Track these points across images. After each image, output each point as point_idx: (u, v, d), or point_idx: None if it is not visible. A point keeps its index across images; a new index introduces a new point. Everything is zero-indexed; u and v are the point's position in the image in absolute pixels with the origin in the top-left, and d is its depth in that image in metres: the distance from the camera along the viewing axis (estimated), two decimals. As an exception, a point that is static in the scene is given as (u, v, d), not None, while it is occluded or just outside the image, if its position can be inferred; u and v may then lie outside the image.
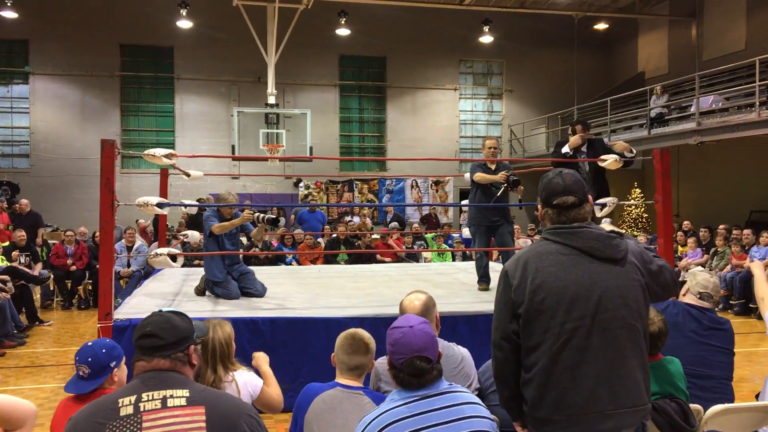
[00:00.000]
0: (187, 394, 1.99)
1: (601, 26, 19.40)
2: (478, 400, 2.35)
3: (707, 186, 16.79)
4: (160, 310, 2.20)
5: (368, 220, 15.80)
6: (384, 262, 11.74)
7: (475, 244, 7.05)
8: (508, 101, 20.60)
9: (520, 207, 6.98)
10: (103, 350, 2.89)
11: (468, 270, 8.81)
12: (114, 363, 2.90)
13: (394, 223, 14.54)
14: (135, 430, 1.91)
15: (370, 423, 2.24)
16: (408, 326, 2.31)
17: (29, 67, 17.32)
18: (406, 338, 2.27)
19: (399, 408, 2.23)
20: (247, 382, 3.15)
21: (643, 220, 17.74)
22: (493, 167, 6.93)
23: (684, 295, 3.78)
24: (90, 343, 2.94)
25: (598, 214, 6.88)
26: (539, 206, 2.56)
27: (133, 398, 1.97)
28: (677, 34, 18.67)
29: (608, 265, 2.39)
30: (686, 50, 17.94)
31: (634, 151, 6.41)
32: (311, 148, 14.59)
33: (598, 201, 6.42)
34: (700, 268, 10.82)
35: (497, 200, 6.79)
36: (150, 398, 1.96)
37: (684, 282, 3.87)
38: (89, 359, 2.85)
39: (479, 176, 6.78)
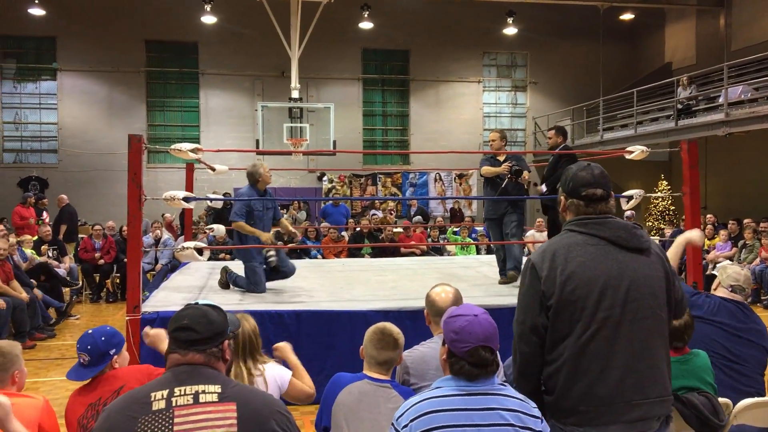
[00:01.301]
0: (219, 390, 1.98)
1: (627, 16, 19.17)
2: (528, 408, 2.18)
3: (735, 178, 16.53)
4: (197, 303, 2.18)
5: (391, 215, 15.80)
6: (408, 255, 11.74)
7: (491, 238, 7.09)
8: (533, 93, 20.44)
9: (523, 200, 6.95)
10: (103, 338, 2.91)
11: (492, 263, 8.76)
12: (114, 350, 2.92)
13: (418, 217, 14.52)
14: (167, 424, 1.92)
15: (416, 404, 2.17)
16: (473, 314, 2.25)
17: (57, 63, 17.56)
18: (472, 326, 2.20)
19: (452, 398, 2.15)
20: (276, 376, 3.14)
21: (670, 213, 17.53)
22: (501, 159, 6.96)
23: (715, 289, 3.73)
24: (90, 331, 2.96)
25: (624, 207, 6.83)
26: (562, 197, 2.55)
27: (165, 392, 1.97)
28: (705, 23, 18.38)
29: (635, 255, 2.39)
30: (714, 40, 17.65)
31: (542, 189, 6.87)
32: (335, 142, 14.61)
33: (624, 194, 6.36)
34: (728, 261, 10.69)
35: (503, 191, 6.79)
36: (182, 393, 1.96)
37: (713, 276, 3.83)
38: (88, 347, 2.87)
39: (485, 170, 6.91)
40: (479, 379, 2.18)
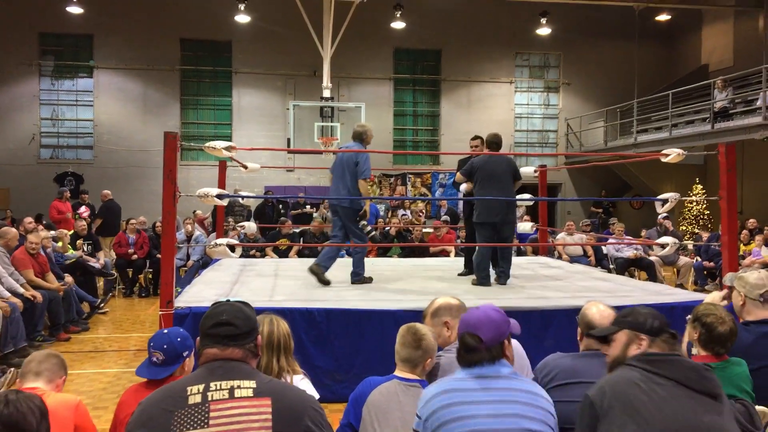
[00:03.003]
0: (254, 386, 2.00)
1: (663, 17, 18.89)
2: (542, 392, 2.35)
3: (773, 183, 16.21)
4: (228, 300, 2.20)
5: (421, 215, 15.78)
6: (437, 256, 11.72)
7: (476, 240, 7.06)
8: (565, 94, 20.26)
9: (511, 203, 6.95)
10: (178, 339, 2.95)
11: (521, 265, 8.74)
12: (186, 353, 2.96)
13: (445, 217, 14.47)
14: (203, 419, 1.93)
15: (429, 391, 2.37)
16: (475, 308, 2.47)
17: (93, 61, 17.88)
18: (467, 316, 2.45)
19: (455, 381, 2.35)
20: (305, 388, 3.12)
21: (705, 217, 17.24)
22: None
23: (743, 305, 3.46)
24: (165, 331, 3.01)
25: (659, 211, 6.73)
26: (643, 338, 2.37)
27: (201, 387, 1.97)
28: (743, 25, 18.03)
29: (706, 399, 2.18)
30: (752, 42, 17.31)
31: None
32: (366, 141, 14.63)
33: (659, 197, 6.27)
34: (757, 266, 10.47)
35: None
36: (218, 388, 1.97)
37: (730, 288, 3.58)
38: (165, 346, 2.90)
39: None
40: (474, 365, 2.34)
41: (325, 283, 6.62)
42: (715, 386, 2.21)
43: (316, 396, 3.08)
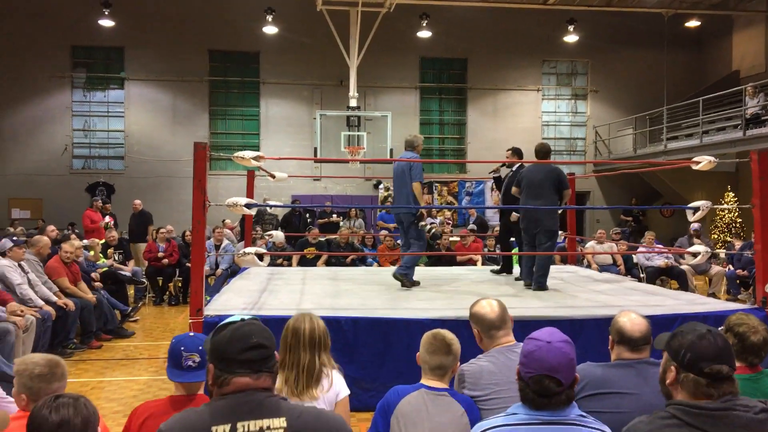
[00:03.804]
0: (285, 425, 1.83)
1: (693, 24, 18.66)
2: None
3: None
4: (242, 319, 2.00)
5: (448, 224, 15.75)
6: (463, 264, 11.67)
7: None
8: (593, 102, 20.09)
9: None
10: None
11: (550, 274, 8.65)
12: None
13: (472, 226, 14.43)
14: None
15: (486, 430, 2.12)
16: (546, 341, 2.14)
17: (124, 72, 18.18)
18: (540, 353, 2.11)
19: (520, 426, 2.08)
20: (340, 386, 3.11)
21: (737, 226, 16.95)
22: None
23: None
24: (191, 334, 2.92)
25: (690, 219, 6.65)
26: (672, 367, 2.08)
27: (227, 428, 1.80)
28: (775, 30, 17.75)
29: None
30: (785, 47, 17.04)
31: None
32: (391, 150, 14.69)
33: (691, 205, 6.20)
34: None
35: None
36: (246, 429, 1.81)
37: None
38: (200, 348, 2.77)
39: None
40: (546, 409, 2.08)
41: (413, 284, 7.18)
42: None
43: (347, 392, 3.13)
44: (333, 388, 3.04)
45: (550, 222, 7.16)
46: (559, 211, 8.08)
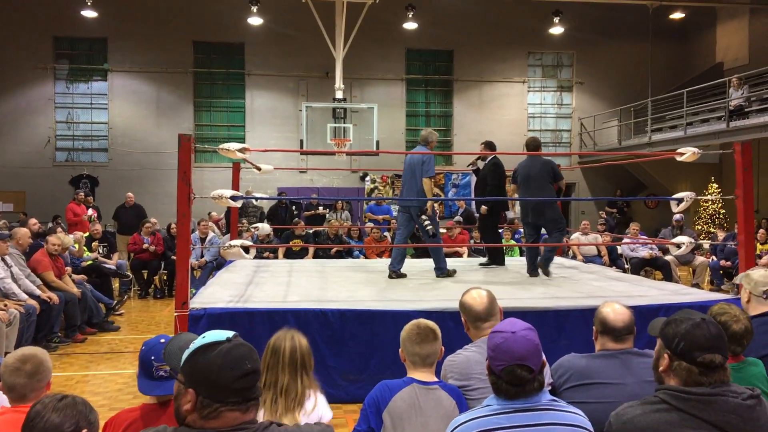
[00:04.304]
0: None
1: (677, 15, 18.78)
2: (586, 423, 2.14)
3: (789, 181, 16.06)
4: (228, 338, 1.71)
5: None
6: (450, 256, 11.68)
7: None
8: (579, 93, 20.16)
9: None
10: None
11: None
12: None
13: (458, 218, 14.43)
14: None
15: (460, 425, 2.14)
16: (510, 331, 2.17)
17: (108, 64, 18.01)
18: (507, 344, 2.14)
19: (494, 417, 2.09)
20: (323, 410, 2.89)
21: (720, 216, 17.10)
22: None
23: (748, 302, 3.52)
24: (162, 341, 2.61)
25: (674, 210, 6.70)
26: (665, 355, 2.13)
27: None
28: (758, 22, 17.88)
29: None
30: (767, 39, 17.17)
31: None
32: (378, 142, 14.67)
33: (675, 196, 6.25)
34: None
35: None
36: None
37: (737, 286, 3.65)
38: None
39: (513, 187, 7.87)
40: (520, 398, 2.11)
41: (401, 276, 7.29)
42: (759, 429, 1.99)
43: (330, 415, 2.86)
44: (316, 410, 2.85)
45: (553, 212, 7.43)
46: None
